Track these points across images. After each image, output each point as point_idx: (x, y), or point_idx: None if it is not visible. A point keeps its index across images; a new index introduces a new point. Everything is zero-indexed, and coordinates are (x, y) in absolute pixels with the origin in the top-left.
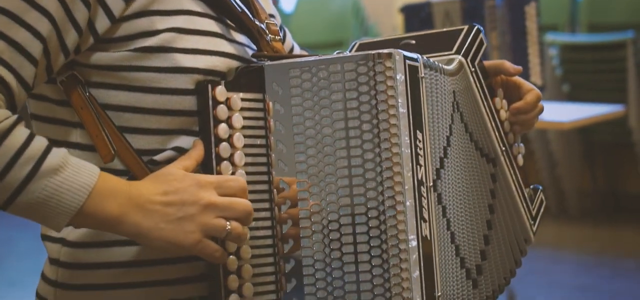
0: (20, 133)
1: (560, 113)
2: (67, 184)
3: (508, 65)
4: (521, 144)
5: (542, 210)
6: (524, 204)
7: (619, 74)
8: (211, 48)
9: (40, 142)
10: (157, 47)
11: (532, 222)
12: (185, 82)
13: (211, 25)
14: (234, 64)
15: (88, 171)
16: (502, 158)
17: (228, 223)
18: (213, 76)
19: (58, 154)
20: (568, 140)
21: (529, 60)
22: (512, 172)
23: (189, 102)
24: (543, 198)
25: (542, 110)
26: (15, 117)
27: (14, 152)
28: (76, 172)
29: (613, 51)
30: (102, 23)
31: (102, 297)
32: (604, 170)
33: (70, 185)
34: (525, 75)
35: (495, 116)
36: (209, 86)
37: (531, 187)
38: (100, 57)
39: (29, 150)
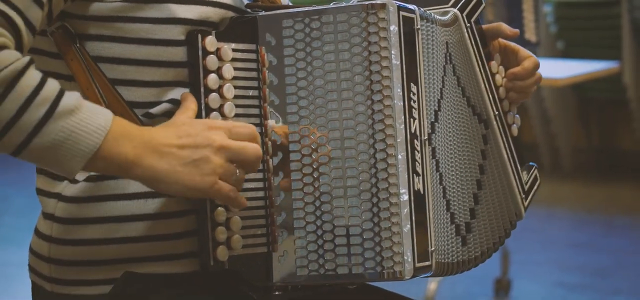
0: (34, 74)
1: (554, 70)
2: (83, 125)
3: (505, 27)
4: (517, 115)
5: (536, 188)
6: (516, 175)
7: (613, 30)
8: None
9: (54, 84)
10: None
11: (524, 197)
12: (179, 32)
13: None
14: (229, 14)
15: (103, 113)
16: (494, 122)
17: (237, 170)
18: (206, 26)
19: (72, 96)
20: (562, 97)
21: (523, 17)
22: (504, 139)
23: (183, 53)
24: (537, 175)
25: (540, 79)
26: (28, 58)
27: (29, 93)
28: (92, 114)
29: (607, 8)
30: None
31: (96, 252)
32: (598, 127)
33: (86, 126)
34: (520, 31)
35: (491, 80)
36: (199, 36)
37: (526, 164)
38: (96, 7)
39: (44, 91)
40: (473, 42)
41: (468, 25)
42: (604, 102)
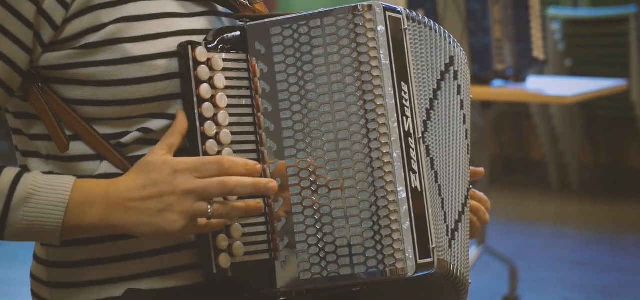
0: None
1: (562, 88)
2: (42, 208)
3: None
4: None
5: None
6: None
7: (621, 48)
8: (164, 30)
9: (7, 177)
10: (103, 41)
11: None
12: (139, 70)
13: (164, 5)
14: (197, 38)
15: (60, 188)
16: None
17: (209, 206)
18: (169, 58)
19: (26, 182)
20: (570, 114)
21: (531, 35)
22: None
23: (146, 90)
24: None
25: (485, 222)
26: None
27: None
28: (48, 193)
29: (615, 26)
30: (47, 33)
31: (95, 272)
32: (605, 144)
33: (45, 208)
34: (528, 48)
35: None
36: (189, 47)
37: None
38: (48, 57)
39: None
40: (464, 94)
41: (464, 76)
42: (611, 120)
